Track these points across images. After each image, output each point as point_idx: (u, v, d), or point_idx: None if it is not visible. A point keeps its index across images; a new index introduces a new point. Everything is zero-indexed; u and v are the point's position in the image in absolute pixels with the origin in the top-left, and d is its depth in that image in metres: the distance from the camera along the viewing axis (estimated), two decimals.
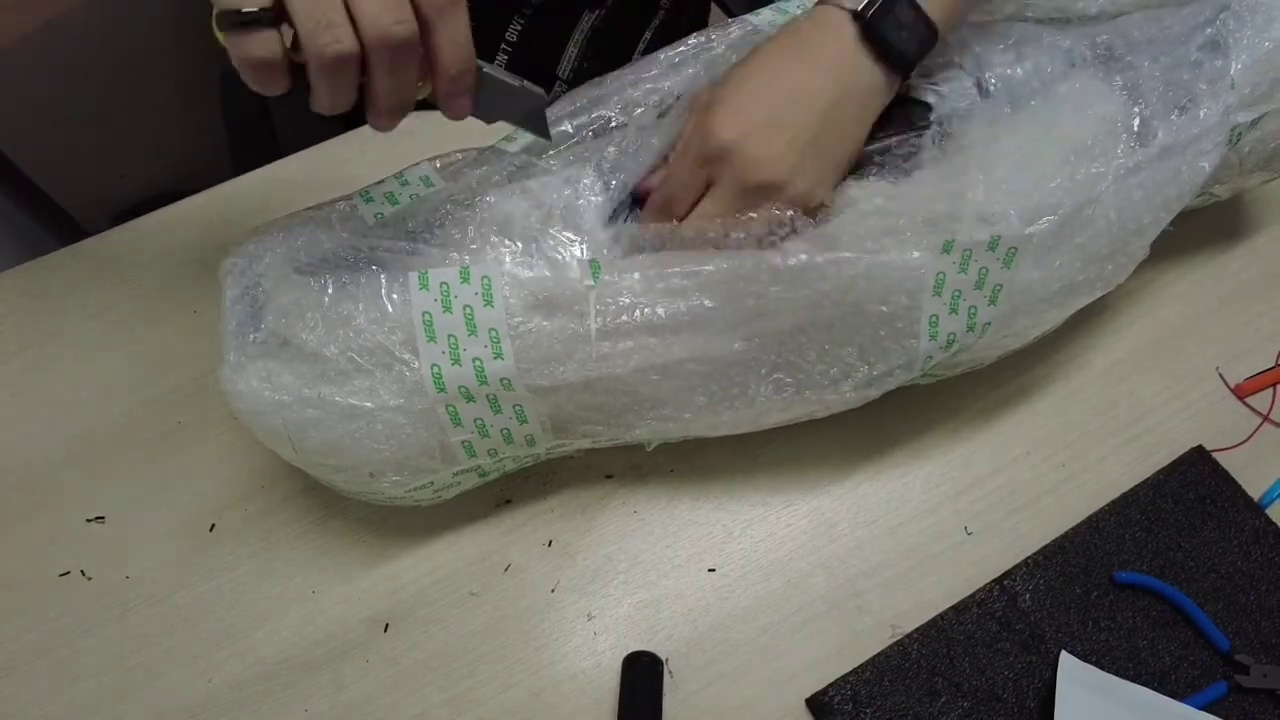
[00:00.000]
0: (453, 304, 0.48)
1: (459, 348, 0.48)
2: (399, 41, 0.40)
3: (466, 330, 0.48)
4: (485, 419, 0.51)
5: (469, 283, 0.48)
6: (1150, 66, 0.54)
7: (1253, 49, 0.54)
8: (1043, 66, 0.54)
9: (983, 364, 0.59)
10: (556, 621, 0.56)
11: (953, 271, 0.50)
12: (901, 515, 0.59)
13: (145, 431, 0.63)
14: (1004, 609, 0.56)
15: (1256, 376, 0.64)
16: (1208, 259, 0.69)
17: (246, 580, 0.58)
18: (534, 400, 0.50)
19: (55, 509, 0.60)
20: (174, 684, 0.55)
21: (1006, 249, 0.50)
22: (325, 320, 0.48)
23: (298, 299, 0.49)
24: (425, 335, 0.48)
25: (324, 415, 0.48)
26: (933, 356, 0.53)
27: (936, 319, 0.51)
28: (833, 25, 0.49)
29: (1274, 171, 0.62)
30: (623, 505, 0.60)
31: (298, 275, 0.49)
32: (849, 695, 0.53)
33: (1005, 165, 0.50)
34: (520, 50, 0.80)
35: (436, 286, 0.48)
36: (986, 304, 0.51)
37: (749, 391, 0.52)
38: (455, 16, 0.42)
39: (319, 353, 0.48)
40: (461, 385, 0.48)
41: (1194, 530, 0.58)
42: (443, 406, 0.49)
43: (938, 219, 0.49)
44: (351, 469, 0.51)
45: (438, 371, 0.48)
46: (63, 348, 0.66)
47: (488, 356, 0.48)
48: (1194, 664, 0.54)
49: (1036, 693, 0.54)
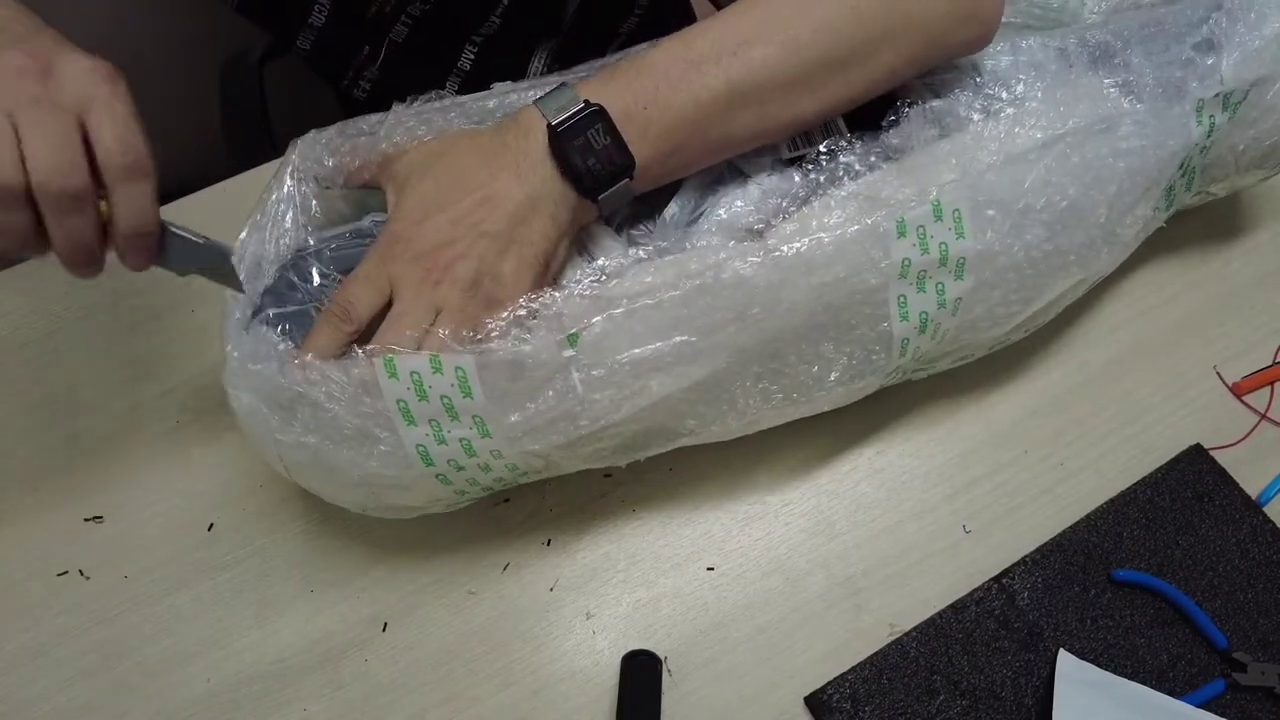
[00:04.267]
0: (428, 394, 0.46)
1: (443, 430, 0.47)
2: (60, 192, 0.40)
3: (448, 416, 0.46)
4: (478, 478, 0.51)
5: (442, 374, 0.45)
6: (1142, 64, 0.54)
7: (1244, 46, 0.55)
8: (1037, 66, 0.54)
9: (973, 353, 0.59)
10: (555, 620, 0.56)
11: (915, 254, 0.50)
12: (900, 514, 0.59)
13: (143, 431, 0.63)
14: (1002, 607, 0.56)
15: (1254, 375, 0.64)
16: (1205, 258, 0.69)
17: (245, 579, 0.58)
18: (527, 458, 0.50)
19: (53, 508, 0.60)
20: (172, 683, 0.55)
21: (951, 213, 0.50)
22: (300, 402, 0.47)
23: (265, 378, 0.47)
24: (404, 420, 0.46)
25: (318, 461, 0.48)
26: (909, 339, 0.52)
27: (905, 299, 0.51)
28: (531, 130, 0.48)
29: (1270, 169, 0.63)
30: (621, 504, 0.60)
31: (265, 327, 0.48)
32: (847, 694, 0.53)
33: (953, 152, 0.50)
34: (474, 79, 0.79)
35: (406, 375, 0.45)
36: (953, 279, 0.51)
37: (738, 405, 0.52)
38: (136, 181, 0.42)
39: (303, 423, 0.47)
40: (450, 459, 0.48)
41: (1192, 528, 0.58)
42: (433, 476, 0.49)
43: (891, 203, 0.49)
44: (348, 502, 0.52)
45: (423, 450, 0.47)
46: (61, 347, 0.66)
47: (475, 436, 0.47)
48: (1192, 662, 0.55)
49: (1035, 691, 0.54)
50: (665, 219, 0.52)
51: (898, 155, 0.51)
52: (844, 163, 0.51)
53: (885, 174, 0.50)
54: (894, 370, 0.55)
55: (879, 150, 0.51)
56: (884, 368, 0.54)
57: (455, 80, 0.80)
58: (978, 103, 0.53)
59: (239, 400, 0.49)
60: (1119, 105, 0.53)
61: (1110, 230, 0.55)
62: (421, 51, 0.76)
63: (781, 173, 0.53)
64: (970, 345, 0.58)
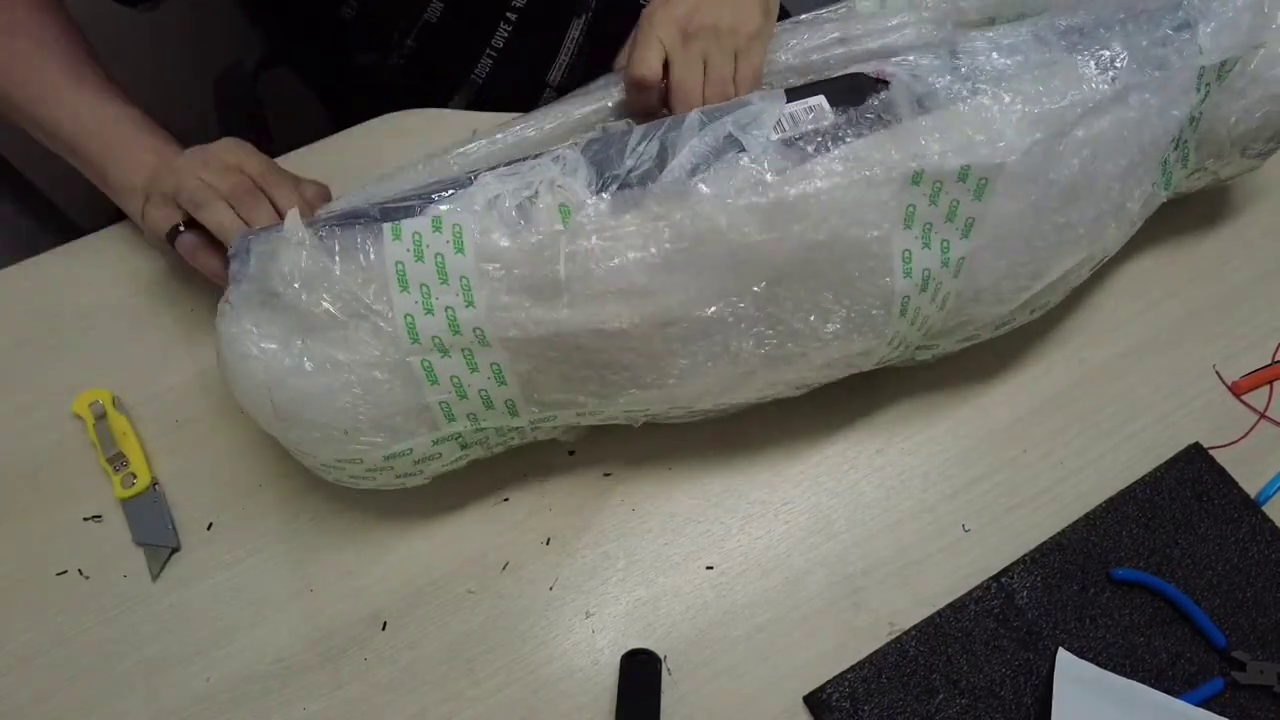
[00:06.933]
0: (424, 253, 0.48)
1: (431, 296, 0.49)
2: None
3: (438, 278, 0.48)
4: (461, 378, 0.51)
5: (440, 231, 0.49)
6: (1121, 45, 0.54)
7: (1219, 16, 0.55)
8: (1015, 49, 0.54)
9: (979, 334, 0.58)
10: (555, 619, 0.56)
11: (923, 204, 0.50)
12: (899, 513, 0.59)
13: (143, 430, 0.63)
14: (1001, 606, 0.56)
15: (1253, 374, 0.64)
16: (1204, 257, 0.69)
17: (244, 579, 0.58)
18: (510, 359, 0.50)
19: (53, 508, 0.60)
20: (172, 683, 0.55)
21: (977, 179, 0.50)
22: (302, 274, 0.49)
23: (275, 252, 0.49)
24: (398, 285, 0.48)
25: (302, 363, 0.49)
26: (910, 296, 0.52)
27: (909, 254, 0.51)
28: None
29: (1265, 145, 0.62)
30: (621, 503, 0.60)
31: (276, 232, 0.50)
32: (847, 692, 0.53)
33: (978, 118, 0.50)
34: (508, 57, 0.80)
35: (409, 236, 0.49)
36: (959, 237, 0.52)
37: (731, 348, 0.52)
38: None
39: (296, 306, 0.49)
40: (435, 336, 0.49)
41: (1191, 527, 0.58)
42: (418, 360, 0.49)
43: (907, 155, 0.49)
44: (326, 426, 0.51)
45: (411, 321, 0.49)
46: (59, 346, 0.66)
47: (460, 305, 0.49)
48: (1191, 660, 0.55)
49: (1034, 690, 0.54)
50: (663, 181, 0.52)
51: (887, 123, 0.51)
52: (832, 138, 0.51)
53: (880, 138, 0.50)
54: (894, 338, 0.55)
55: (867, 121, 0.51)
56: (883, 328, 0.53)
57: (490, 57, 0.80)
58: (962, 87, 0.53)
59: (233, 330, 0.50)
60: (1116, 79, 0.53)
61: (1119, 205, 0.55)
62: (457, 27, 0.77)
63: (773, 149, 0.52)
64: (975, 322, 0.57)
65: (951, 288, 0.54)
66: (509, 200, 0.50)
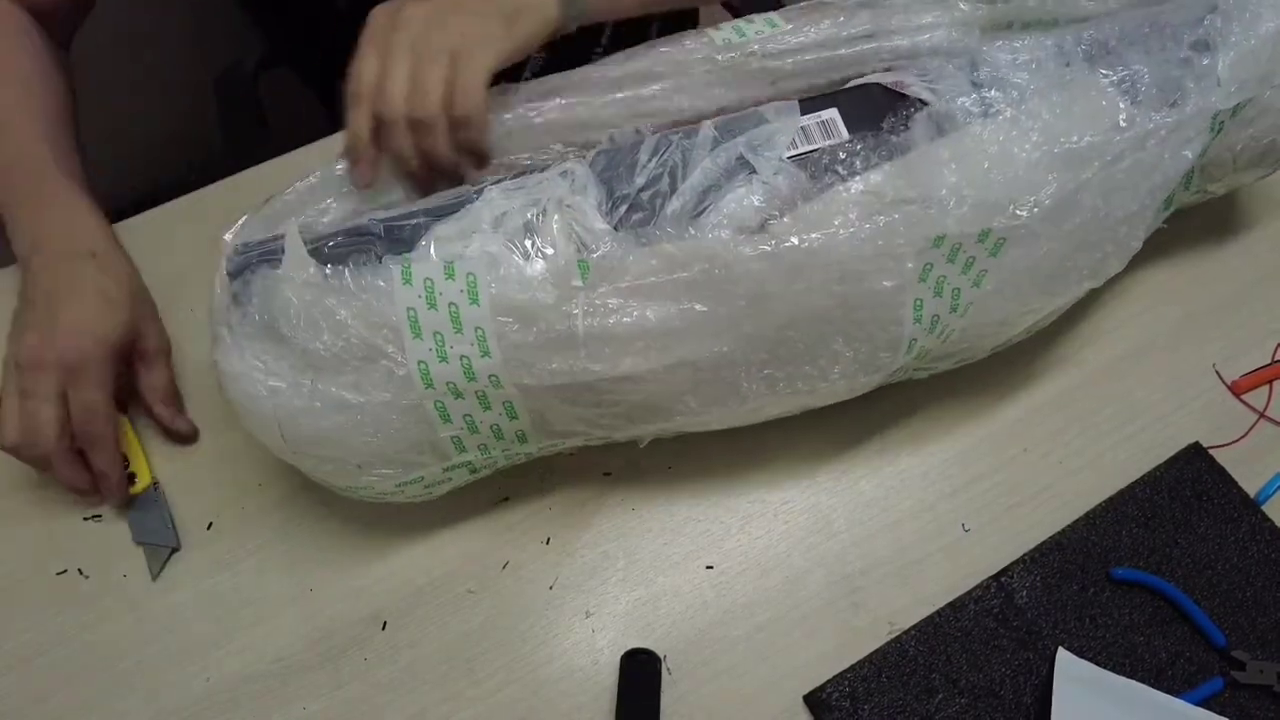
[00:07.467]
0: (437, 301, 0.47)
1: (445, 345, 0.48)
2: None
3: (452, 327, 0.48)
4: (474, 415, 0.50)
5: (454, 279, 0.47)
6: (1141, 64, 0.54)
7: (1239, 46, 0.55)
8: (1036, 63, 0.54)
9: (975, 355, 0.59)
10: (555, 619, 0.57)
11: (941, 262, 0.50)
12: (899, 512, 0.60)
13: (142, 430, 0.63)
14: (1001, 606, 0.56)
15: (1253, 373, 0.64)
16: (1204, 257, 0.69)
17: (244, 578, 0.58)
18: (523, 397, 0.50)
19: (52, 508, 0.60)
20: (172, 682, 0.55)
21: (995, 240, 0.50)
22: (308, 315, 0.48)
23: (278, 289, 0.48)
24: (411, 331, 0.47)
25: (313, 404, 0.48)
26: (917, 339, 0.53)
27: (921, 303, 0.51)
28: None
29: (1268, 167, 0.63)
30: (621, 502, 0.60)
31: (276, 270, 0.49)
32: (846, 692, 0.53)
33: (996, 151, 0.50)
34: None
35: (420, 282, 0.47)
36: (970, 286, 0.52)
37: (740, 390, 0.52)
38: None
39: (303, 346, 0.48)
40: (449, 382, 0.48)
41: (1190, 527, 0.58)
42: (430, 402, 0.49)
43: (928, 206, 0.49)
44: (339, 460, 0.51)
45: (424, 368, 0.48)
46: None
47: (475, 355, 0.48)
48: (1190, 660, 0.55)
49: (1033, 689, 0.54)
50: (667, 214, 0.52)
51: (900, 153, 0.51)
52: (844, 160, 0.51)
53: (892, 172, 0.50)
54: (898, 369, 0.55)
55: (883, 150, 0.51)
56: (889, 366, 0.54)
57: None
58: (975, 106, 0.53)
59: (237, 368, 0.49)
60: (1129, 112, 0.53)
61: (1125, 244, 0.56)
62: None
63: (785, 171, 0.52)
64: (974, 349, 0.58)
65: (957, 326, 0.54)
66: (516, 218, 0.49)
